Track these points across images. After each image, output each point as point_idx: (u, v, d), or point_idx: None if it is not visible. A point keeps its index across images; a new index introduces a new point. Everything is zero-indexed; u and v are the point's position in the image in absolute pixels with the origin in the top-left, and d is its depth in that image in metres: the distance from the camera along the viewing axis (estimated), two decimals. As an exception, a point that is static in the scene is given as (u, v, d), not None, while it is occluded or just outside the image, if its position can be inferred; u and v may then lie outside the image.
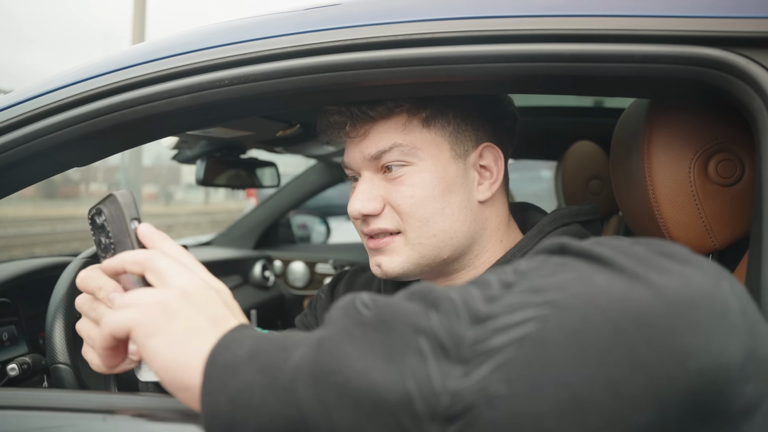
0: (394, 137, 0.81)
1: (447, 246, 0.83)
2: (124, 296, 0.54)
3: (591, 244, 0.46)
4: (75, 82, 0.79)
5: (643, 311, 0.39)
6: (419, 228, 0.82)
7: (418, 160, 0.81)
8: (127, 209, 0.58)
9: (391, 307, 0.45)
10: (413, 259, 0.83)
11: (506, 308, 0.41)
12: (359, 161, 0.85)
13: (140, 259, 0.55)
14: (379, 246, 0.84)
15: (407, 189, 0.81)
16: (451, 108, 0.83)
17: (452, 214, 0.82)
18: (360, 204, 0.83)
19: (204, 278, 0.55)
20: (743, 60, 0.62)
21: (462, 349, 0.40)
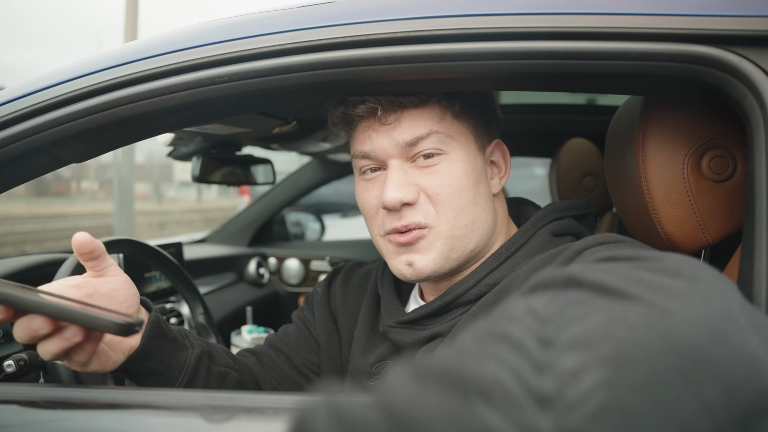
0: (431, 125, 0.81)
1: (475, 236, 0.83)
2: None
3: (595, 275, 0.43)
4: (73, 78, 0.79)
5: (695, 347, 0.37)
6: (453, 219, 0.81)
7: (452, 150, 0.82)
8: None
9: (415, 407, 0.33)
10: (445, 253, 0.81)
11: (568, 378, 0.35)
12: (389, 149, 0.81)
13: None
14: (412, 241, 0.81)
15: (445, 177, 0.80)
16: (471, 103, 0.85)
17: (481, 205, 0.83)
18: (398, 191, 0.78)
19: None
20: (736, 58, 0.63)
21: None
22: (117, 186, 8.64)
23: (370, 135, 0.83)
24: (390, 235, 0.83)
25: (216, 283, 2.31)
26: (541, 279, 0.45)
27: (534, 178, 6.15)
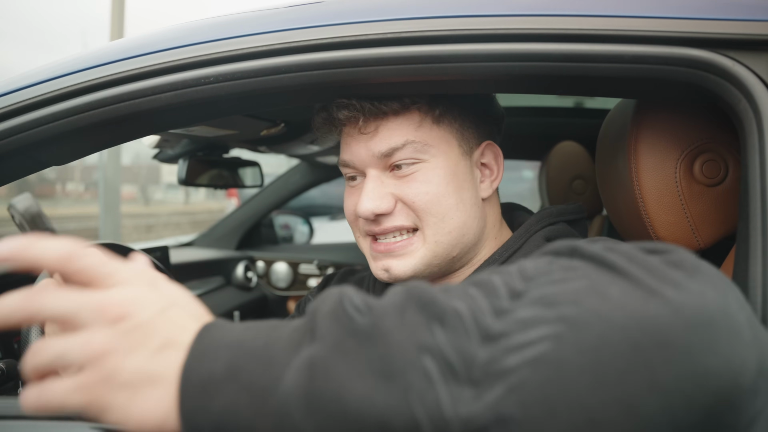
0: (407, 134, 0.79)
1: (459, 243, 0.82)
2: (47, 357, 0.43)
3: (602, 249, 0.44)
4: (55, 77, 0.77)
5: (663, 330, 0.38)
6: (436, 224, 0.80)
7: (431, 157, 0.80)
8: (32, 221, 0.51)
9: (388, 316, 0.41)
10: (427, 260, 0.81)
11: (519, 325, 0.39)
12: (366, 159, 0.81)
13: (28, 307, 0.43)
14: (393, 249, 0.81)
15: (422, 185, 0.79)
16: (456, 105, 0.82)
17: (465, 210, 0.81)
18: (372, 203, 0.79)
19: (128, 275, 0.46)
20: (729, 62, 0.63)
21: (473, 371, 0.38)
22: (103, 188, 8.54)
23: (350, 143, 0.83)
24: (367, 239, 0.84)
25: (203, 287, 2.28)
26: (550, 248, 0.48)
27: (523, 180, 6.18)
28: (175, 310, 0.45)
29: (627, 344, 0.37)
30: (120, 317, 0.42)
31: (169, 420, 0.42)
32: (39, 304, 0.43)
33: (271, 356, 0.41)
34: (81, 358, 0.42)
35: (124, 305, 0.43)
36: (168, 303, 0.45)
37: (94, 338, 0.42)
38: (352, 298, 0.44)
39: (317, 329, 0.42)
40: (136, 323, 0.43)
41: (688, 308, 0.38)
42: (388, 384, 0.39)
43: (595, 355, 0.37)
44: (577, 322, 0.38)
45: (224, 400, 0.41)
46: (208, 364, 0.41)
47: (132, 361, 0.42)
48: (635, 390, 0.36)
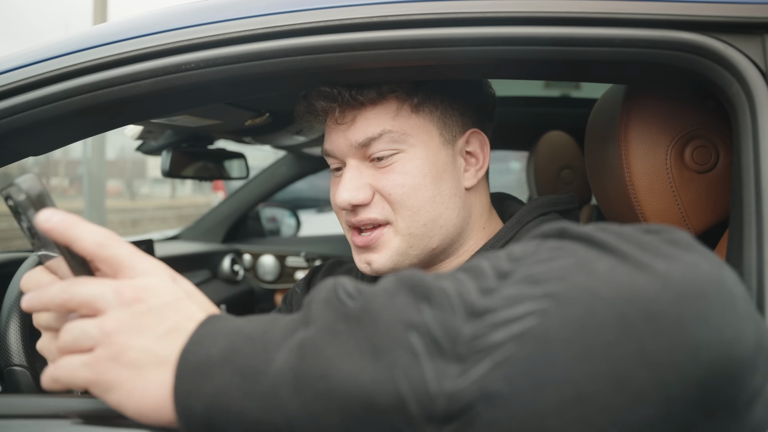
0: (384, 123, 0.78)
1: (436, 235, 0.81)
2: (68, 339, 0.47)
3: (592, 230, 0.44)
4: (29, 64, 0.74)
5: (650, 302, 0.37)
6: (410, 217, 0.79)
7: (409, 147, 0.79)
8: (38, 201, 0.50)
9: (378, 298, 0.42)
10: (402, 250, 0.80)
11: (504, 301, 0.39)
12: (344, 149, 0.80)
13: (62, 295, 0.48)
14: (367, 242, 0.81)
15: (398, 177, 0.78)
16: (438, 93, 0.80)
17: (442, 202, 0.80)
18: (348, 193, 0.79)
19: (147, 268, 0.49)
20: (721, 45, 0.62)
21: (458, 346, 0.38)
22: (87, 183, 8.44)
23: (330, 133, 0.83)
24: (351, 230, 0.83)
25: (189, 280, 2.23)
26: (539, 231, 0.48)
27: (510, 172, 6.18)
28: (189, 301, 0.48)
29: (614, 317, 0.37)
30: (135, 300, 0.46)
31: (166, 406, 0.44)
32: (71, 292, 0.47)
33: (267, 341, 0.43)
34: (95, 336, 0.46)
35: (140, 290, 0.46)
36: (183, 295, 0.48)
37: (108, 317, 0.46)
38: (345, 286, 0.45)
39: (311, 315, 0.43)
40: (149, 307, 0.46)
41: (678, 280, 0.38)
42: (375, 362, 0.39)
43: (581, 329, 0.37)
44: (563, 297, 0.38)
45: (217, 383, 0.42)
46: (206, 348, 0.43)
47: (140, 341, 0.45)
48: (624, 363, 0.36)
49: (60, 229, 0.47)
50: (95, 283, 0.47)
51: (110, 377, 0.45)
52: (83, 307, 0.47)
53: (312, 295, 0.46)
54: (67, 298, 0.47)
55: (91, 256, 0.48)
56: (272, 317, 0.47)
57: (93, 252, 0.48)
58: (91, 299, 0.47)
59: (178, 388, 0.43)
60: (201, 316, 0.47)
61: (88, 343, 0.46)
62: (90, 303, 0.47)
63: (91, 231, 0.48)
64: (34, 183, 0.51)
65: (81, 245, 0.48)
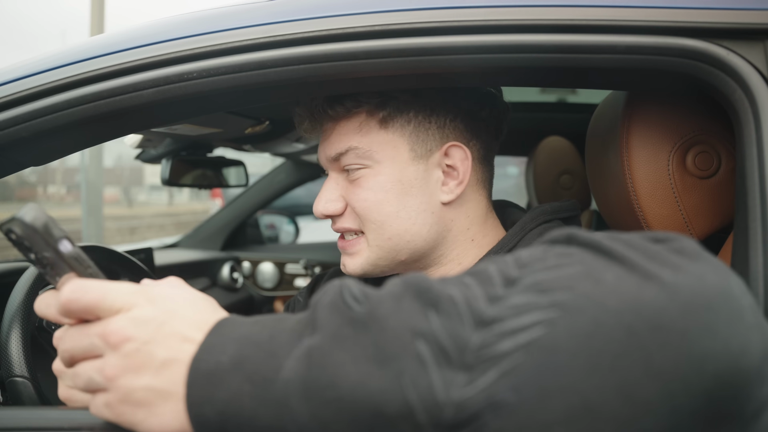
0: (351, 139, 0.81)
1: (404, 249, 0.82)
2: (81, 383, 0.48)
3: (600, 237, 0.44)
4: (31, 74, 0.74)
5: (658, 313, 0.37)
6: (375, 230, 0.81)
7: (374, 163, 0.80)
8: (45, 231, 0.48)
9: (385, 303, 0.42)
10: (372, 260, 0.83)
11: (512, 310, 0.39)
12: (324, 161, 0.86)
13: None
14: (344, 247, 0.85)
15: (363, 192, 0.81)
16: (413, 106, 0.80)
17: (408, 218, 0.80)
18: (321, 205, 0.84)
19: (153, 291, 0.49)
20: (724, 51, 0.62)
21: (466, 355, 0.38)
22: (85, 190, 8.42)
23: (319, 146, 0.87)
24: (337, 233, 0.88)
25: (188, 289, 2.24)
26: (547, 236, 0.48)
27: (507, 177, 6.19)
28: (175, 322, 0.47)
29: (621, 328, 0.37)
30: (121, 341, 0.46)
31: (186, 429, 0.45)
32: (65, 350, 0.49)
33: (275, 347, 0.43)
34: (101, 383, 0.47)
35: (122, 330, 0.46)
36: (167, 317, 0.47)
37: (106, 363, 0.46)
38: (351, 289, 0.45)
39: (317, 320, 0.43)
40: (137, 345, 0.46)
41: (685, 291, 0.38)
42: (382, 369, 0.39)
43: (588, 339, 0.37)
44: (570, 307, 0.38)
45: (229, 390, 0.42)
46: (216, 356, 0.44)
47: (140, 381, 0.45)
48: (631, 375, 0.36)
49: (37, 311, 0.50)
50: (83, 336, 0.48)
51: (128, 418, 0.46)
52: (84, 357, 0.48)
53: (318, 297, 0.46)
54: (68, 352, 0.49)
55: (66, 314, 0.49)
56: (278, 318, 0.47)
57: (65, 311, 0.48)
58: (85, 349, 0.48)
59: (190, 396, 0.43)
60: (196, 335, 0.46)
61: (98, 387, 0.47)
62: (87, 353, 0.48)
63: (48, 302, 0.49)
64: (38, 214, 0.49)
65: (52, 318, 0.49)
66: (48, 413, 0.63)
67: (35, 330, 1.01)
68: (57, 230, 0.49)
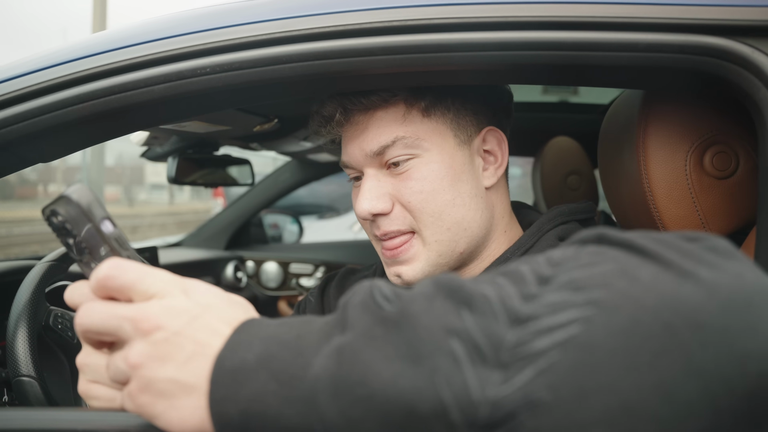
0: (395, 129, 0.77)
1: (462, 238, 0.80)
2: (111, 375, 0.47)
3: (631, 235, 0.43)
4: (39, 69, 0.73)
5: (697, 311, 0.36)
6: (433, 224, 0.78)
7: (424, 151, 0.78)
8: (89, 210, 0.49)
9: (417, 302, 0.41)
10: (432, 260, 0.80)
11: (548, 308, 0.38)
12: (360, 158, 0.80)
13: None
14: (396, 254, 0.80)
15: (416, 183, 0.77)
16: (449, 94, 0.79)
17: (464, 204, 0.79)
18: (368, 203, 0.78)
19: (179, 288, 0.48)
20: (748, 49, 0.61)
21: (501, 353, 0.37)
22: (86, 189, 8.41)
23: (346, 144, 0.82)
24: (379, 241, 0.82)
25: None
26: (576, 237, 0.47)
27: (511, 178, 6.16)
28: (207, 316, 0.46)
29: (659, 326, 0.36)
30: (152, 329, 0.45)
31: (206, 426, 0.44)
32: (87, 324, 0.47)
33: (302, 346, 0.42)
34: (125, 371, 0.46)
35: (155, 318, 0.45)
36: (200, 310, 0.46)
37: (131, 351, 0.45)
38: (382, 289, 0.44)
39: (348, 320, 0.43)
40: (167, 335, 0.45)
41: (724, 288, 0.37)
42: (415, 367, 0.38)
43: (626, 337, 0.36)
44: (606, 304, 0.37)
45: (253, 388, 0.41)
46: (241, 354, 0.43)
47: (164, 372, 0.44)
48: (671, 374, 0.35)
49: (68, 298, 0.49)
50: (111, 316, 0.46)
51: (149, 409, 0.45)
52: (108, 337, 0.47)
53: (347, 297, 0.45)
54: (92, 328, 0.47)
55: (100, 291, 0.48)
56: (305, 320, 0.46)
57: (101, 288, 0.47)
58: (112, 330, 0.47)
59: (213, 394, 0.42)
60: (225, 330, 0.45)
61: (124, 378, 0.46)
62: (113, 334, 0.47)
63: (96, 270, 0.48)
64: (84, 192, 0.49)
65: (92, 293, 0.48)
66: (55, 414, 0.62)
67: (42, 329, 1.00)
68: (100, 210, 0.50)
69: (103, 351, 0.50)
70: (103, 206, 0.51)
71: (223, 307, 0.48)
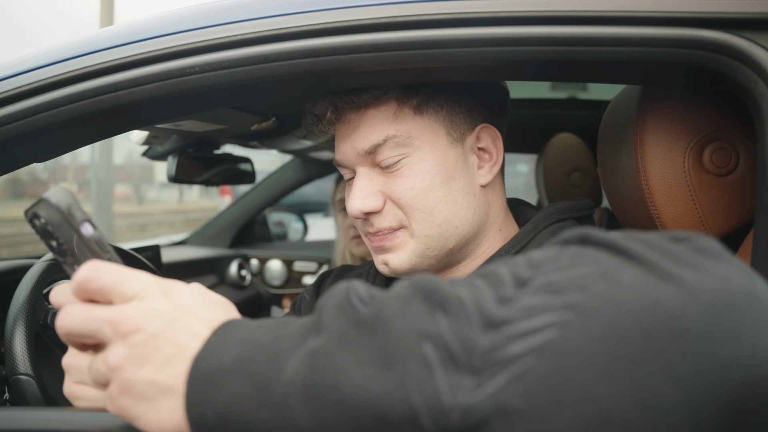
0: (387, 128, 0.77)
1: (453, 235, 0.79)
2: (93, 376, 0.47)
3: (616, 236, 0.42)
4: (31, 69, 0.73)
5: (677, 316, 0.35)
6: (423, 219, 0.78)
7: (415, 150, 0.77)
8: (69, 213, 0.50)
9: (392, 305, 0.40)
10: (420, 251, 0.79)
11: (523, 312, 0.37)
12: (353, 157, 0.80)
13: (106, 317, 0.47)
14: (383, 244, 0.80)
15: (407, 181, 0.77)
16: (442, 91, 0.79)
17: (456, 202, 0.78)
18: (359, 202, 0.78)
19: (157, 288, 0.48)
20: (745, 42, 0.59)
21: (474, 358, 0.36)
22: (95, 188, 8.48)
23: (339, 143, 0.82)
24: (369, 236, 0.82)
25: (196, 286, 2.24)
26: (560, 237, 0.46)
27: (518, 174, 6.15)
28: (186, 318, 0.46)
29: (638, 331, 0.35)
30: (130, 331, 0.44)
31: (183, 428, 0.43)
32: (68, 327, 0.47)
33: (279, 348, 0.42)
34: (105, 373, 0.45)
35: (134, 320, 0.45)
36: (179, 312, 0.46)
37: (110, 353, 0.45)
38: (358, 290, 0.43)
39: (322, 322, 0.42)
40: (145, 337, 0.44)
41: (707, 292, 0.36)
42: (387, 372, 0.37)
43: (603, 343, 0.35)
44: (584, 308, 0.36)
45: (229, 391, 0.41)
46: (218, 356, 0.42)
47: (142, 374, 0.44)
48: (649, 381, 0.34)
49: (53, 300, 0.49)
50: (91, 319, 0.46)
51: (129, 411, 0.45)
52: (91, 339, 0.47)
53: (324, 299, 0.44)
54: (72, 331, 0.47)
55: (80, 293, 0.47)
56: (285, 321, 0.45)
57: (81, 290, 0.47)
58: (92, 332, 0.46)
59: (189, 396, 0.42)
60: (204, 331, 0.45)
61: (105, 380, 0.46)
62: (92, 336, 0.47)
63: (76, 273, 0.48)
64: (63, 195, 0.50)
65: (65, 302, 0.48)
66: (52, 414, 0.62)
67: (40, 328, 1.00)
68: (79, 213, 0.50)
69: (88, 353, 0.50)
70: (83, 209, 0.51)
71: (202, 309, 0.47)
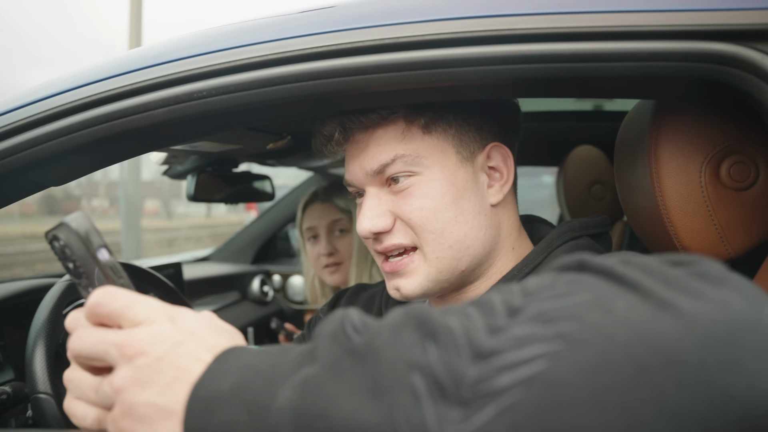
0: (395, 148, 0.76)
1: (464, 256, 0.78)
2: (99, 399, 0.48)
3: (614, 263, 0.40)
4: (46, 97, 0.75)
5: (672, 347, 0.34)
6: (434, 240, 0.77)
7: (424, 169, 0.77)
8: (87, 238, 0.52)
9: (384, 335, 0.40)
10: (432, 276, 0.78)
11: (512, 342, 0.36)
12: (361, 177, 0.80)
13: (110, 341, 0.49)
14: (396, 269, 0.79)
15: (416, 201, 0.76)
16: (450, 110, 0.78)
17: (466, 222, 0.77)
18: (369, 222, 0.78)
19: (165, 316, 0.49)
20: (758, 55, 0.57)
21: (462, 390, 0.35)
22: (123, 204, 8.67)
23: (348, 163, 0.82)
24: (380, 256, 0.82)
25: (219, 302, 2.26)
26: (557, 263, 0.45)
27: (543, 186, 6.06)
28: (191, 343, 0.47)
29: (630, 363, 0.34)
30: (135, 354, 0.46)
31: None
32: (78, 349, 0.48)
33: (275, 376, 0.42)
34: (110, 395, 0.46)
35: (140, 343, 0.46)
36: (184, 337, 0.47)
37: (116, 376, 0.46)
38: (352, 319, 0.43)
39: (317, 350, 0.42)
40: (149, 360, 0.45)
41: (705, 321, 0.34)
42: (376, 402, 0.37)
43: (594, 375, 0.34)
44: (575, 339, 0.35)
45: (225, 417, 0.41)
46: (217, 383, 0.43)
47: (145, 397, 0.45)
48: (641, 415, 0.33)
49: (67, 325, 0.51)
50: (100, 341, 0.48)
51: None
52: (99, 362, 0.48)
53: (320, 328, 0.45)
54: (82, 353, 0.49)
55: (91, 317, 0.49)
56: (285, 348, 0.46)
57: (92, 314, 0.49)
58: (99, 354, 0.48)
59: (187, 422, 0.42)
60: (207, 357, 0.46)
61: (110, 402, 0.47)
62: (100, 359, 0.48)
63: (89, 297, 0.50)
64: (82, 221, 0.52)
65: (81, 317, 0.50)
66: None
67: (59, 347, 1.02)
68: (97, 238, 0.52)
69: (102, 375, 0.51)
70: (100, 235, 0.53)
71: (207, 335, 0.48)
